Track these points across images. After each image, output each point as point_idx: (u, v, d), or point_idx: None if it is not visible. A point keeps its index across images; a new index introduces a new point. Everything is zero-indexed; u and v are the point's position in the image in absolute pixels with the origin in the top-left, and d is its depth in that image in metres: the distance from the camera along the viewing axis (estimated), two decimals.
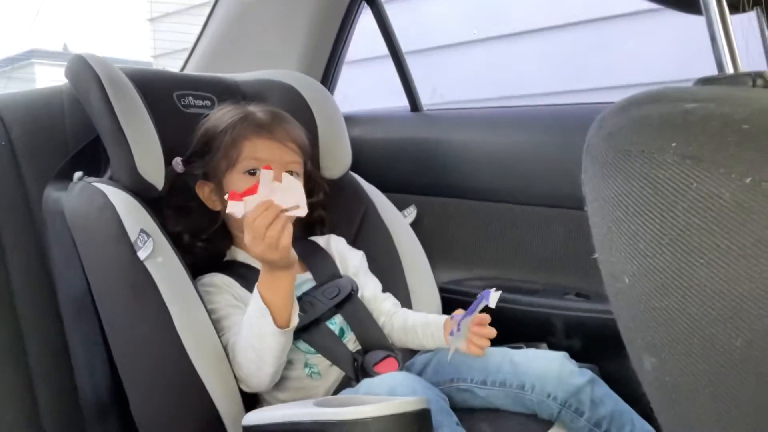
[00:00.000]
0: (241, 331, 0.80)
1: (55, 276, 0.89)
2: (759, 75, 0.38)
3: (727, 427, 0.27)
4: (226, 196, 0.77)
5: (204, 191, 0.94)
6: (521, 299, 1.13)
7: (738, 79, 0.37)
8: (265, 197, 0.74)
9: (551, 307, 1.09)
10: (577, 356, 0.89)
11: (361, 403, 0.58)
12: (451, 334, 0.85)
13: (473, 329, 0.85)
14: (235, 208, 0.74)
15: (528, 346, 0.94)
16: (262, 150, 0.90)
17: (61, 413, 0.87)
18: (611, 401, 0.82)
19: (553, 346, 0.97)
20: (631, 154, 0.31)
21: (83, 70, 0.86)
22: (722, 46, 0.41)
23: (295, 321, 0.80)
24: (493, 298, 0.82)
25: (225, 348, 0.80)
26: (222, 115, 0.94)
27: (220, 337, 0.81)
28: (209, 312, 0.81)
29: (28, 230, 0.91)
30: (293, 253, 0.77)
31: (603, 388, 0.83)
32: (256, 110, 0.95)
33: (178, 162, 0.94)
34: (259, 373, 0.79)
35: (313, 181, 1.03)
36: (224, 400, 0.75)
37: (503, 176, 1.18)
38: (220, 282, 0.88)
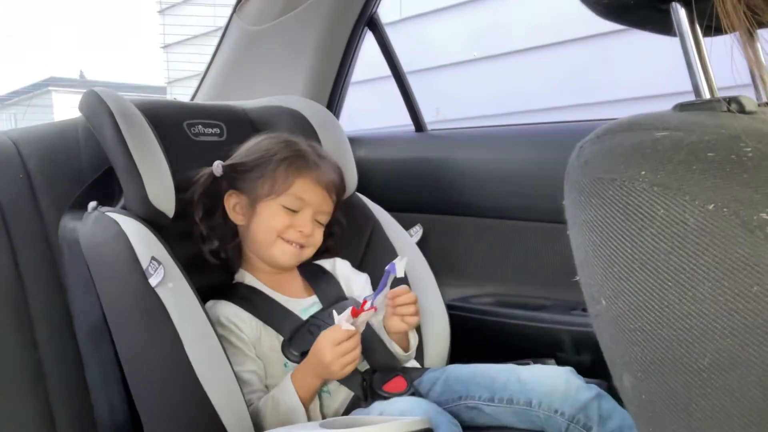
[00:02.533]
0: (266, 404, 0.84)
1: (71, 302, 0.92)
2: (733, 100, 0.39)
3: None
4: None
5: (230, 202, 0.96)
6: (529, 315, 1.13)
7: (713, 104, 0.39)
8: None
9: (559, 322, 1.09)
10: (586, 372, 0.89)
11: (365, 424, 0.59)
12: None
13: (392, 306, 0.89)
14: (347, 326, 0.83)
15: (536, 362, 0.95)
16: (309, 193, 0.94)
17: None
18: (619, 416, 0.82)
19: (561, 362, 0.97)
20: (604, 181, 0.33)
21: (97, 104, 0.89)
22: (698, 70, 0.42)
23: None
24: (399, 267, 0.85)
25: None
26: (281, 142, 0.97)
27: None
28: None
29: (45, 258, 0.94)
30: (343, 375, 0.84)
31: (611, 403, 0.83)
32: (314, 152, 0.98)
33: (218, 165, 0.96)
34: None
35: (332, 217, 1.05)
36: (234, 424, 0.77)
37: (508, 193, 1.20)
38: (225, 319, 0.89)
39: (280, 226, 0.93)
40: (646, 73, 1.61)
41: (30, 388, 0.88)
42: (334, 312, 0.86)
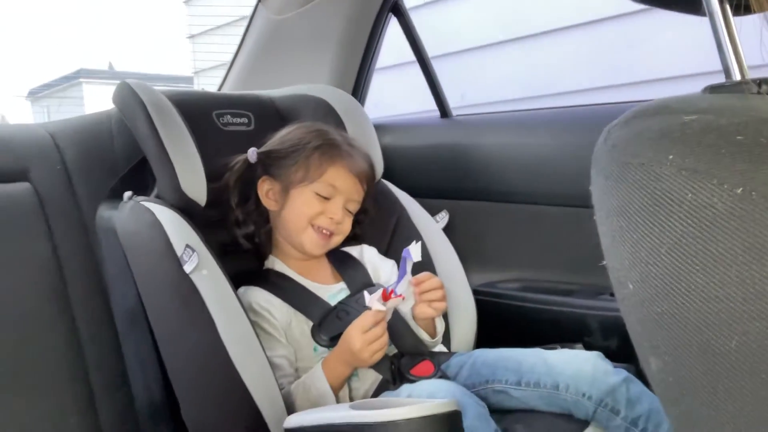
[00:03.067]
0: (297, 389, 0.87)
1: (109, 289, 0.95)
2: (764, 81, 0.38)
3: (725, 422, 0.28)
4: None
5: (263, 188, 0.99)
6: (556, 300, 1.13)
7: (743, 86, 0.38)
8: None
9: (586, 307, 1.08)
10: (614, 356, 0.88)
11: (394, 406, 0.60)
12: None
13: (419, 292, 0.90)
14: (379, 306, 0.85)
15: (563, 347, 0.95)
16: (342, 180, 0.96)
17: (118, 417, 0.93)
18: (648, 400, 0.81)
19: (589, 347, 0.97)
20: (631, 166, 0.33)
21: (129, 96, 0.92)
22: (728, 51, 0.41)
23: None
24: (414, 252, 0.85)
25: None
26: (314, 131, 0.99)
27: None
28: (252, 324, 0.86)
29: (83, 247, 0.97)
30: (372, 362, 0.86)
31: (639, 387, 0.82)
32: (346, 141, 1.01)
33: (253, 152, 0.98)
34: None
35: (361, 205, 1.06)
36: (267, 405, 0.79)
37: (534, 178, 1.19)
38: (257, 306, 0.92)
39: (311, 213, 0.95)
40: (675, 52, 1.57)
41: (71, 372, 0.92)
42: (366, 293, 0.87)
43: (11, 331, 0.87)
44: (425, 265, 1.09)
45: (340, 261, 1.02)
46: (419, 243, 0.87)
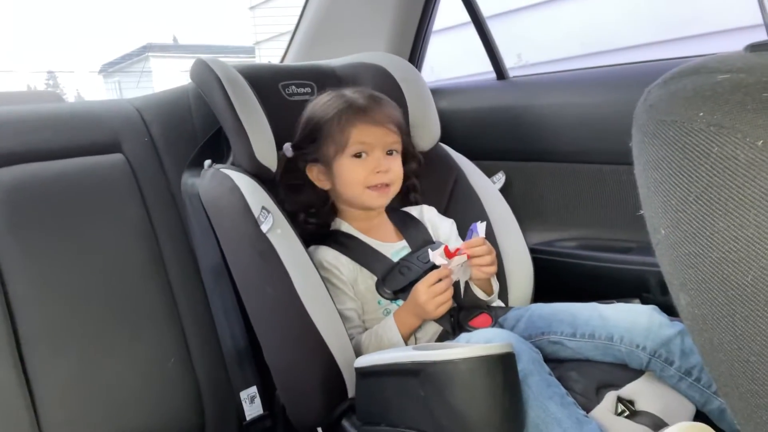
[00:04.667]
0: (369, 338, 0.94)
1: (195, 247, 1.05)
2: None
3: (743, 346, 0.32)
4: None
5: (313, 173, 1.04)
6: (614, 257, 1.14)
7: None
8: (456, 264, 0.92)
9: (645, 264, 1.10)
10: (672, 311, 0.90)
11: (453, 348, 0.66)
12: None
13: (469, 255, 0.94)
14: (441, 260, 0.91)
15: (620, 302, 0.97)
16: (367, 135, 0.99)
17: (208, 360, 1.05)
18: None
19: (647, 302, 0.99)
20: (666, 123, 0.37)
21: (206, 72, 1.00)
22: None
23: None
24: (481, 229, 0.92)
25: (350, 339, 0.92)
26: (326, 104, 1.03)
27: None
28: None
29: (171, 211, 1.08)
30: (438, 314, 0.92)
31: None
32: (356, 96, 1.03)
33: (288, 148, 1.05)
34: None
35: (406, 152, 1.11)
36: (338, 349, 0.87)
37: (590, 137, 1.19)
38: (326, 263, 0.99)
39: (360, 177, 1.00)
40: (732, 5, 1.49)
41: (167, 320, 1.03)
42: (429, 249, 0.93)
43: (117, 283, 0.99)
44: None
45: (402, 221, 1.08)
46: (485, 222, 0.92)
